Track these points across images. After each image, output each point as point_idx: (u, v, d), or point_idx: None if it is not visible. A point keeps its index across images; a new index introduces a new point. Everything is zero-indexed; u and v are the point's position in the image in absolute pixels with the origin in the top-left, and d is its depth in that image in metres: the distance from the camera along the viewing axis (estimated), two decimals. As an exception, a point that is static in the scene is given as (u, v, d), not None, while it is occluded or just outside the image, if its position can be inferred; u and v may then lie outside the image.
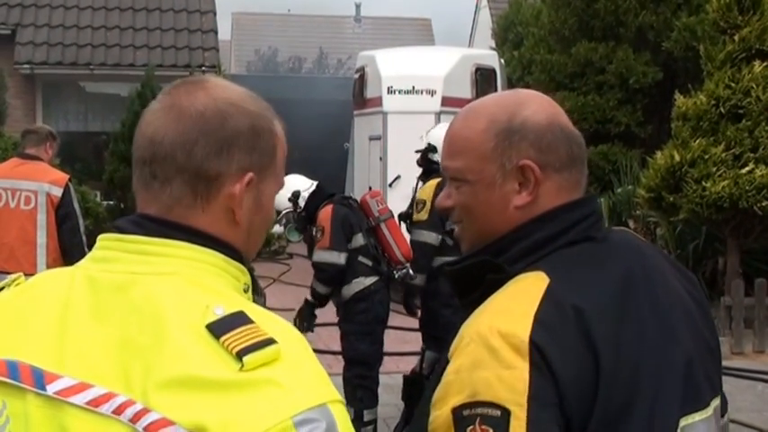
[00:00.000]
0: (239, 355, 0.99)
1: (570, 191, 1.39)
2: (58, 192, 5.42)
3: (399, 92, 11.16)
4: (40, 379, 1.05)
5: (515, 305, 1.25)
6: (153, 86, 11.43)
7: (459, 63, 11.36)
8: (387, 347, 7.53)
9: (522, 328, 1.21)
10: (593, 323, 1.23)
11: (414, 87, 11.10)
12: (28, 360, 1.07)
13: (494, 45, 17.83)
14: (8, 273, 5.02)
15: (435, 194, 5.38)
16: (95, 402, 1.00)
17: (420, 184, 5.76)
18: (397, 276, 5.46)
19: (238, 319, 1.04)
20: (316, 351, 1.19)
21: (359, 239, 5.29)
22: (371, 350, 5.35)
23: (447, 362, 1.27)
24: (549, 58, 13.55)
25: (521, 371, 1.18)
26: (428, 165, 5.63)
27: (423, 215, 5.41)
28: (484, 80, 11.35)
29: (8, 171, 5.51)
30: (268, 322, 1.06)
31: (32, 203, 5.39)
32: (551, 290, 1.25)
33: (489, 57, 12.36)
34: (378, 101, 11.28)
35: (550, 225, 1.36)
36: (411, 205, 5.70)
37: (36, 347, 1.08)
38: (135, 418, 0.98)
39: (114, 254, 1.13)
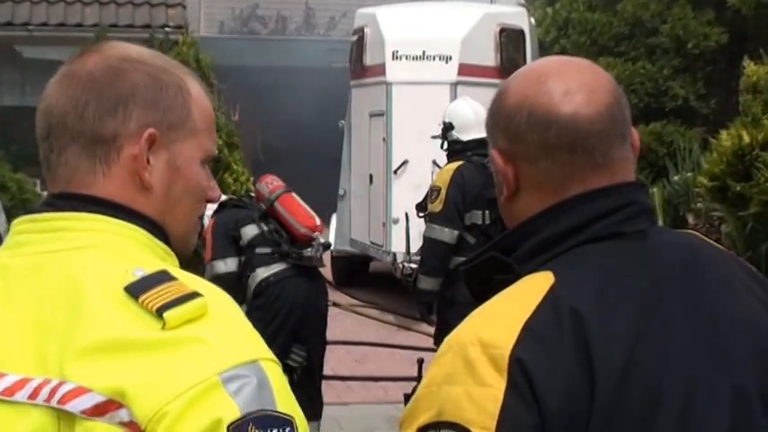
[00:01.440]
0: (159, 312, 1.11)
1: (555, 185, 1.40)
2: None
3: (407, 58, 11.15)
4: None
5: (508, 309, 1.29)
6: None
7: (481, 23, 11.32)
8: (393, 371, 7.48)
9: (507, 337, 1.24)
10: (595, 335, 1.25)
11: (424, 53, 11.09)
12: None
13: (522, 1, 17.80)
14: None
15: (453, 180, 5.34)
16: (9, 391, 1.13)
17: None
18: (310, 254, 5.58)
19: (159, 278, 1.16)
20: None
21: (248, 232, 5.54)
22: None
23: None
24: (590, 16, 13.60)
25: (495, 389, 1.21)
26: (451, 146, 5.62)
27: (437, 206, 5.43)
28: (510, 43, 11.28)
29: None
30: (194, 281, 1.19)
31: None
32: (553, 293, 1.29)
33: (517, 15, 12.31)
34: (380, 69, 11.29)
35: (566, 217, 1.37)
36: (428, 194, 5.71)
37: None
38: (50, 396, 1.10)
39: (27, 237, 1.27)
